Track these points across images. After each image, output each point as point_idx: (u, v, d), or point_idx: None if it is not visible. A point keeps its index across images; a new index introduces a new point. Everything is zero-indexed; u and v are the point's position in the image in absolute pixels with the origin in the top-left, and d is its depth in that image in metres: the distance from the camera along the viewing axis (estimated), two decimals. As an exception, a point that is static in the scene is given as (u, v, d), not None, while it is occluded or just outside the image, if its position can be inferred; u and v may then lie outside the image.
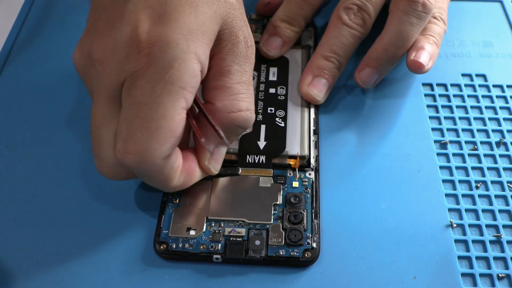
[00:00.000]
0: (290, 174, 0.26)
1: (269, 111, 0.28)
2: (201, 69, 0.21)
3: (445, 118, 0.30)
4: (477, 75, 0.32)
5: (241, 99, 0.23)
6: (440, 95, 0.31)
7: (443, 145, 0.28)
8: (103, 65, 0.21)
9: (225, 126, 0.23)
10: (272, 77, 0.30)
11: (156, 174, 0.22)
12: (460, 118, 0.30)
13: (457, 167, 0.27)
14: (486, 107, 0.30)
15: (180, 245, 0.24)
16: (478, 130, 0.29)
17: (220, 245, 0.24)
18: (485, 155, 0.28)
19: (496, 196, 0.26)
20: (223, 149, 0.25)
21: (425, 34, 0.29)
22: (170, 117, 0.20)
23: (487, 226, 0.25)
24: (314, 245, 0.24)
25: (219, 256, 0.23)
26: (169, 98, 0.20)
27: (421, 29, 0.29)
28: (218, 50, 0.23)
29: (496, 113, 0.30)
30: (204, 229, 0.24)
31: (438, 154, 0.28)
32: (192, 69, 0.20)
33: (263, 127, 0.28)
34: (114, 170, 0.23)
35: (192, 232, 0.24)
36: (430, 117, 0.30)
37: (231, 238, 0.24)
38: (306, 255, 0.23)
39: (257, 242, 0.24)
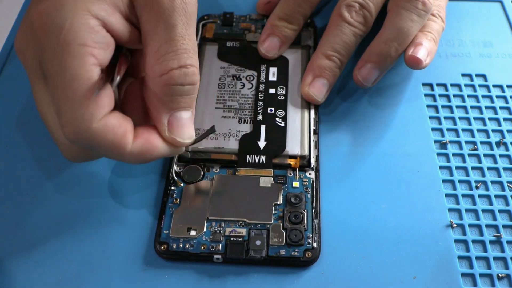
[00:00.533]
0: (290, 174, 0.26)
1: (269, 111, 0.28)
2: (102, 24, 0.20)
3: (445, 118, 0.30)
4: (477, 75, 0.32)
5: (170, 58, 0.21)
6: (440, 95, 0.31)
7: (443, 145, 0.28)
8: (21, 54, 0.22)
9: (164, 92, 0.22)
10: (272, 77, 0.30)
11: (102, 142, 0.20)
12: (460, 118, 0.30)
13: (457, 167, 0.27)
14: (486, 107, 0.30)
15: (181, 245, 0.24)
16: (478, 130, 0.29)
17: (220, 245, 0.24)
18: (485, 155, 0.28)
19: (496, 196, 0.26)
20: (183, 113, 0.23)
21: (423, 31, 0.29)
22: (81, 77, 0.20)
23: (487, 226, 0.25)
24: (315, 245, 0.24)
25: (219, 256, 0.23)
26: (72, 59, 0.20)
27: (420, 26, 0.29)
28: (140, 11, 0.22)
29: (496, 113, 0.30)
30: (204, 229, 0.24)
31: (438, 154, 0.28)
32: (86, 24, 0.20)
33: (263, 127, 0.28)
34: (71, 150, 0.22)
35: (193, 232, 0.24)
36: (430, 117, 0.30)
37: (232, 238, 0.24)
38: (306, 255, 0.23)
39: (258, 242, 0.24)
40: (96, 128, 0.20)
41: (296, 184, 0.26)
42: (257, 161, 0.27)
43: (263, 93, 0.29)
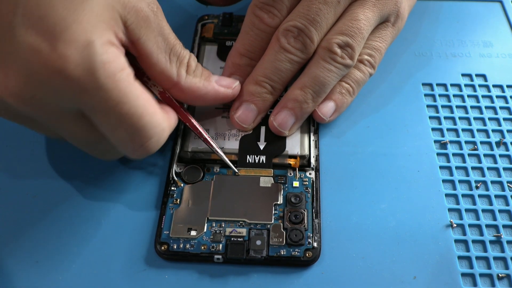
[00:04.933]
0: (290, 174, 0.26)
1: (268, 112, 0.28)
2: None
3: (445, 118, 0.30)
4: (477, 75, 0.32)
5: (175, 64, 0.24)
6: (440, 95, 0.31)
7: (443, 145, 0.28)
8: (32, 100, 0.20)
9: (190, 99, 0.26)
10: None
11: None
12: (460, 118, 0.30)
13: (457, 167, 0.27)
14: (486, 107, 0.30)
15: (181, 246, 0.24)
16: (478, 130, 0.29)
17: (221, 245, 0.24)
18: (485, 155, 0.28)
19: (496, 196, 0.26)
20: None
21: (341, 82, 0.28)
22: (135, 98, 0.21)
23: (487, 226, 0.25)
24: (315, 244, 0.24)
25: (220, 257, 0.23)
26: (126, 92, 0.21)
27: (340, 77, 0.28)
28: (133, 36, 0.22)
29: (496, 113, 0.30)
30: (205, 230, 0.24)
31: (438, 154, 0.28)
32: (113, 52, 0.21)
33: (263, 128, 0.28)
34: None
35: (193, 233, 0.24)
36: (430, 117, 0.30)
37: (232, 238, 0.24)
38: (307, 254, 0.23)
39: (258, 242, 0.24)
40: (168, 126, 0.24)
41: (296, 184, 0.26)
42: (257, 161, 0.27)
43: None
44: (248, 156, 0.27)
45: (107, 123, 0.21)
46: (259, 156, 0.27)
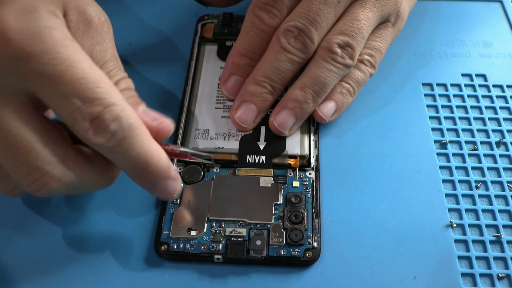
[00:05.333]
0: (290, 174, 0.26)
1: (268, 112, 0.28)
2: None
3: (445, 118, 0.30)
4: (477, 75, 0.32)
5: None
6: (440, 95, 0.31)
7: (443, 145, 0.28)
8: None
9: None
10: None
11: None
12: (460, 118, 0.30)
13: (457, 167, 0.27)
14: (486, 107, 0.30)
15: (181, 246, 0.24)
16: (478, 130, 0.29)
17: (221, 245, 0.24)
18: (485, 155, 0.28)
19: (496, 196, 0.26)
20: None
21: (342, 82, 0.28)
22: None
23: (487, 226, 0.25)
24: (315, 244, 0.24)
25: (220, 257, 0.23)
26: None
27: (340, 77, 0.27)
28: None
29: (496, 113, 0.30)
30: (205, 230, 0.24)
31: (438, 154, 0.28)
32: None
33: (262, 128, 0.28)
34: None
35: (193, 233, 0.24)
36: (430, 117, 0.30)
37: (232, 238, 0.24)
38: (307, 254, 0.23)
39: (258, 242, 0.24)
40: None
41: (296, 184, 0.26)
42: (257, 161, 0.27)
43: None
44: (248, 156, 0.27)
45: (56, 95, 0.19)
46: (259, 156, 0.27)
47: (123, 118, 0.20)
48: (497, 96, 0.31)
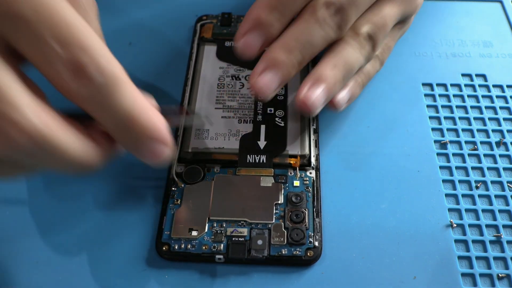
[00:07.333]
0: (291, 173, 0.26)
1: (268, 111, 0.28)
2: None
3: (445, 118, 0.30)
4: (477, 75, 0.32)
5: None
6: (440, 95, 0.31)
7: (443, 145, 0.28)
8: None
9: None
10: (273, 77, 0.30)
11: None
12: (460, 118, 0.30)
13: (457, 167, 0.27)
14: (486, 107, 0.30)
15: (182, 246, 0.24)
16: (478, 130, 0.29)
17: (222, 245, 0.24)
18: (485, 155, 0.28)
19: (496, 196, 0.26)
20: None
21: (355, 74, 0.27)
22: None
23: (487, 226, 0.25)
24: (316, 243, 0.24)
25: (221, 256, 0.23)
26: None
27: (363, 67, 0.27)
28: None
29: (496, 113, 0.30)
30: (206, 230, 0.24)
31: (438, 154, 0.28)
32: None
33: (262, 127, 0.28)
34: None
35: (194, 233, 0.24)
36: (430, 117, 0.30)
37: (233, 238, 0.24)
38: (308, 254, 0.23)
39: (259, 242, 0.24)
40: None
41: (296, 183, 0.26)
42: (257, 160, 0.27)
43: (263, 93, 0.29)
44: (248, 156, 0.27)
45: (31, 34, 0.17)
46: (259, 155, 0.27)
47: (107, 65, 0.17)
48: (497, 96, 0.31)
